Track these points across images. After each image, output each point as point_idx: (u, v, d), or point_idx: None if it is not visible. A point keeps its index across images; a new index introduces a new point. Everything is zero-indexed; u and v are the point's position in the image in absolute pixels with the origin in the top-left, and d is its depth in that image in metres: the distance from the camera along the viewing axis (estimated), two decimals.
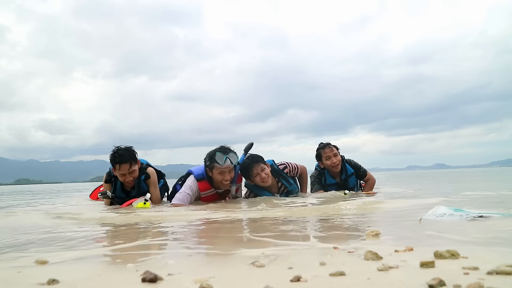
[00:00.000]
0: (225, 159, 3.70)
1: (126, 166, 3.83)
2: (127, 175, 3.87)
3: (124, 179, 3.90)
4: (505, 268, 0.92)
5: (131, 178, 3.91)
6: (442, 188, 5.76)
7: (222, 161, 3.69)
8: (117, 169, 3.84)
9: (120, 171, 3.85)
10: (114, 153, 3.86)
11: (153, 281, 0.95)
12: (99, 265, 1.29)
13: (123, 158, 3.83)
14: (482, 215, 1.94)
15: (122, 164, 3.82)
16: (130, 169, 3.86)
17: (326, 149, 4.68)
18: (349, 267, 1.03)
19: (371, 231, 1.58)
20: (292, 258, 1.20)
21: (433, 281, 0.84)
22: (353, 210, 2.76)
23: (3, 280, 1.05)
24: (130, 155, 3.89)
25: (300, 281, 0.92)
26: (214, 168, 3.75)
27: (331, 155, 4.63)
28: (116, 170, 3.87)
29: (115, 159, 3.84)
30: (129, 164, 3.84)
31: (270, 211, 2.75)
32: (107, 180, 4.09)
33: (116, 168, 3.86)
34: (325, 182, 4.75)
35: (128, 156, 3.86)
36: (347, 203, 3.09)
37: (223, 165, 3.68)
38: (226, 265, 1.17)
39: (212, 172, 3.79)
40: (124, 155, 3.84)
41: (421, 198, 4.12)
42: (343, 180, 4.74)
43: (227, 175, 3.77)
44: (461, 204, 2.71)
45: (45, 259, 1.27)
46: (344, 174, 4.74)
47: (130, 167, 3.85)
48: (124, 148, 3.93)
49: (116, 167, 3.86)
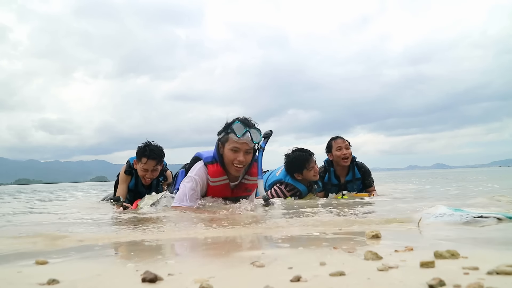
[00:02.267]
0: (245, 132, 2.82)
1: (153, 163, 3.74)
2: (149, 172, 3.76)
3: (145, 175, 3.78)
4: (505, 268, 0.92)
5: (152, 176, 3.80)
6: (444, 189, 5.76)
7: (240, 132, 2.82)
8: (143, 162, 3.72)
9: (145, 166, 3.73)
10: (146, 146, 3.75)
11: (153, 281, 0.95)
12: (99, 265, 1.29)
13: (154, 153, 3.73)
14: (482, 215, 1.94)
15: (150, 159, 3.71)
16: (155, 166, 3.77)
17: (338, 140, 4.46)
18: (349, 267, 1.03)
19: (371, 231, 1.58)
20: (292, 258, 1.20)
21: (433, 281, 0.84)
22: (352, 210, 2.76)
23: (3, 280, 1.05)
24: (160, 153, 3.80)
25: (300, 281, 0.92)
26: (228, 142, 2.87)
27: (343, 146, 4.38)
28: (141, 164, 3.74)
29: (145, 152, 3.72)
30: (156, 162, 3.75)
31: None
32: (127, 171, 3.93)
33: (142, 162, 3.73)
34: (328, 180, 4.50)
35: (158, 154, 3.77)
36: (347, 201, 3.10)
37: (240, 137, 2.81)
38: (226, 265, 1.17)
39: (224, 147, 2.90)
40: (155, 151, 3.75)
41: (421, 198, 4.12)
42: (345, 182, 4.48)
43: (242, 155, 2.84)
44: (461, 204, 2.71)
45: (45, 259, 1.27)
46: (350, 175, 4.48)
47: (156, 164, 3.76)
48: (156, 145, 3.82)
49: (142, 160, 3.73)
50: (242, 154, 2.84)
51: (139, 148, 3.80)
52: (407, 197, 4.24)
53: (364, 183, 4.51)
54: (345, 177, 4.50)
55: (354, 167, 4.48)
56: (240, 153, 2.83)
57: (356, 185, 4.51)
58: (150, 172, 3.78)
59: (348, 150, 4.40)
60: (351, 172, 4.47)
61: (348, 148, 4.42)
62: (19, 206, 5.05)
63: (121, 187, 3.94)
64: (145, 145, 3.77)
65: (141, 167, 3.77)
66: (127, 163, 3.98)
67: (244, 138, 2.82)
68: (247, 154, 2.87)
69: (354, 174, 4.47)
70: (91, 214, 3.30)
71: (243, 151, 2.85)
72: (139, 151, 3.78)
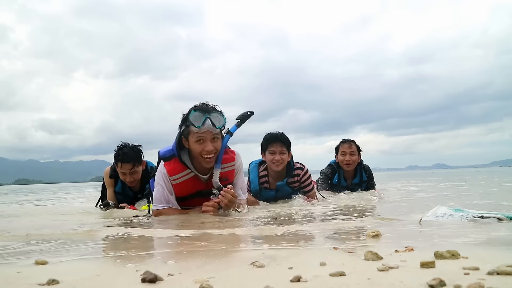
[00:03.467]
0: (205, 120, 2.53)
1: (128, 166, 3.67)
2: (127, 175, 3.72)
3: (124, 178, 3.75)
4: (505, 269, 0.91)
5: (132, 178, 3.74)
6: (443, 191, 5.76)
7: (199, 121, 2.52)
8: (119, 167, 3.69)
9: (121, 169, 3.70)
10: (119, 149, 3.68)
11: (153, 281, 0.95)
12: (99, 265, 1.29)
13: (127, 156, 3.65)
14: (483, 215, 1.94)
15: (124, 163, 3.66)
16: (132, 169, 3.69)
17: (345, 144, 4.47)
18: (349, 267, 1.03)
19: (371, 231, 1.58)
20: (292, 258, 1.20)
21: (433, 281, 0.84)
22: (352, 210, 2.76)
23: (3, 280, 1.05)
24: (135, 155, 3.70)
25: (300, 281, 0.92)
26: (190, 134, 2.59)
27: (347, 152, 4.41)
28: (118, 168, 3.72)
29: (118, 156, 3.67)
30: (131, 164, 3.67)
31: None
32: (112, 175, 3.87)
33: (118, 166, 3.71)
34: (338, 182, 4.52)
35: (132, 156, 3.67)
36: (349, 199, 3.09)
37: (201, 128, 2.52)
38: (226, 265, 1.17)
39: (188, 141, 2.62)
40: (128, 154, 3.66)
41: (421, 198, 4.12)
42: (353, 185, 4.55)
43: (209, 144, 2.54)
44: (461, 204, 2.71)
45: (45, 259, 1.27)
46: (358, 178, 4.55)
47: (132, 167, 3.68)
48: (131, 146, 3.73)
49: (118, 165, 3.70)
50: (209, 142, 2.55)
51: (114, 153, 3.73)
52: (407, 197, 4.25)
53: (367, 185, 4.64)
54: (353, 180, 4.60)
55: (361, 170, 4.56)
56: (207, 142, 2.55)
57: (363, 188, 4.62)
58: (129, 175, 3.71)
59: (352, 157, 4.43)
60: (358, 175, 4.58)
61: (354, 155, 4.44)
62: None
63: (109, 191, 3.89)
64: (118, 149, 3.69)
65: (119, 171, 3.73)
66: (111, 166, 3.90)
67: (205, 126, 2.53)
68: (214, 141, 2.58)
69: (362, 177, 4.57)
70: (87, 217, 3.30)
71: (209, 139, 2.56)
72: (114, 156, 3.72)
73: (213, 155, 2.57)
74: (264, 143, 3.64)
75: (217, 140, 2.60)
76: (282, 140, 3.54)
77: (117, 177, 3.85)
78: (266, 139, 3.62)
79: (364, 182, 4.58)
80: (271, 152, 3.54)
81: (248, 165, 3.92)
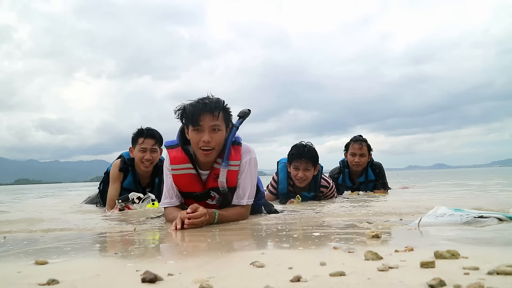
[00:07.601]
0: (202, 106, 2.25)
1: (151, 141, 3.46)
2: (147, 152, 3.44)
3: (143, 156, 3.44)
4: (505, 268, 0.91)
5: (150, 157, 3.46)
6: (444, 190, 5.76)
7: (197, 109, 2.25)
8: (140, 143, 3.44)
9: (142, 145, 3.44)
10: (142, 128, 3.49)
11: (153, 281, 0.95)
12: (99, 265, 1.29)
13: (151, 132, 3.48)
14: (483, 215, 1.94)
15: (148, 138, 3.45)
16: (154, 146, 3.47)
17: (356, 144, 4.28)
18: (349, 267, 1.03)
19: (371, 231, 1.58)
20: (292, 258, 1.20)
21: (433, 281, 0.84)
22: (352, 210, 2.76)
23: (3, 280, 1.05)
24: (159, 135, 3.54)
25: (300, 281, 0.92)
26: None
27: (357, 153, 4.25)
28: (138, 144, 3.46)
29: (141, 132, 3.47)
30: (155, 140, 3.48)
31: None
32: (122, 168, 3.55)
33: (138, 142, 3.46)
34: (343, 182, 4.42)
35: (157, 135, 3.52)
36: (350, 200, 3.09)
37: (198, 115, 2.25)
38: (226, 265, 1.17)
39: (188, 131, 2.34)
40: (153, 130, 3.51)
41: (421, 198, 4.11)
42: (359, 184, 4.42)
43: (206, 134, 2.24)
44: (461, 204, 2.71)
45: (45, 259, 1.27)
46: (363, 177, 4.40)
47: (155, 143, 3.48)
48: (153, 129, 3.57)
49: (139, 141, 3.45)
50: (207, 133, 2.23)
51: (135, 132, 3.54)
52: (408, 197, 4.24)
53: (374, 184, 4.44)
54: (359, 179, 4.46)
55: (368, 168, 4.40)
56: (205, 132, 2.24)
57: (369, 187, 4.47)
58: (149, 152, 3.45)
59: (362, 159, 4.28)
60: (364, 174, 4.43)
61: (363, 156, 4.29)
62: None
63: (114, 186, 3.53)
64: (141, 128, 3.52)
65: (138, 148, 3.46)
66: (121, 159, 3.61)
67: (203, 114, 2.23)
68: (214, 132, 2.25)
69: (367, 176, 4.41)
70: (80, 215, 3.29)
71: (208, 129, 2.24)
72: (136, 133, 3.52)
73: (212, 148, 2.26)
74: (289, 156, 3.55)
75: (218, 132, 2.27)
76: (308, 157, 3.44)
77: (127, 171, 3.58)
78: (292, 153, 3.52)
79: (371, 181, 4.41)
80: (295, 167, 3.48)
81: (276, 162, 3.83)
